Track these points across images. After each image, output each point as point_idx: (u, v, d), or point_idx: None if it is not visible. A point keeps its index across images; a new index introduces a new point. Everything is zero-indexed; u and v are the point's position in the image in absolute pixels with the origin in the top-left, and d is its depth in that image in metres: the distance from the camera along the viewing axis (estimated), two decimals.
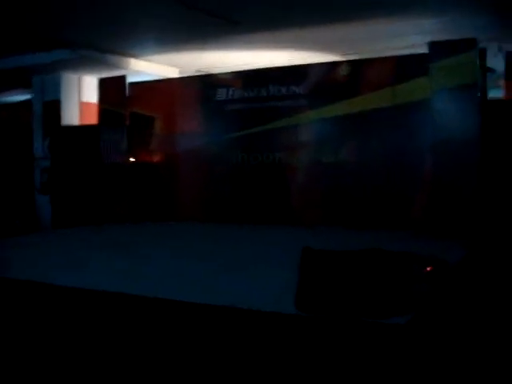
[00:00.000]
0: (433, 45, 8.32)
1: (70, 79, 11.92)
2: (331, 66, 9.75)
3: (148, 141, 11.04)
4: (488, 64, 8.99)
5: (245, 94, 10.10)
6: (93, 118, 11.85)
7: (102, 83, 11.39)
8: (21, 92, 13.76)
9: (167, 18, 8.84)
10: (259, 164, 9.95)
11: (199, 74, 11.83)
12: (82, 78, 12.10)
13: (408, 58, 9.04)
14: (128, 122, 10.85)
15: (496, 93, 9.77)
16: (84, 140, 11.22)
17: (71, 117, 11.87)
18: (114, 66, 11.20)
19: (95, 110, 11.88)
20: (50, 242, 8.68)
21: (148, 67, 11.68)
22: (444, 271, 4.84)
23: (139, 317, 4.04)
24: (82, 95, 12.10)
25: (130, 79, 11.20)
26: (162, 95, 10.89)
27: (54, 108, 11.78)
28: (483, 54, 8.50)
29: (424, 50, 8.52)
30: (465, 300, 4.52)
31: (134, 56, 11.25)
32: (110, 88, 11.12)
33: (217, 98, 10.32)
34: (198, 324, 3.90)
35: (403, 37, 9.77)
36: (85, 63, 11.02)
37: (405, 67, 8.89)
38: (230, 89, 10.21)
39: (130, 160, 10.85)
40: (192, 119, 10.58)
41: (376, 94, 9.02)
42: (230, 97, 10.22)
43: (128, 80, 11.09)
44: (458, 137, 7.95)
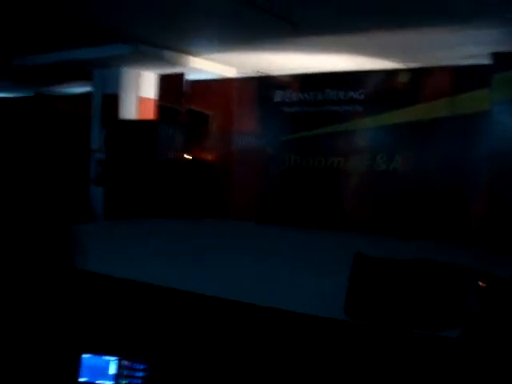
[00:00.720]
0: (496, 56, 8.21)
1: (129, 74, 12.07)
2: (390, 74, 9.70)
3: (204, 139, 11.15)
4: None
5: (302, 97, 10.11)
6: (150, 114, 12.02)
7: (161, 79, 11.56)
8: (81, 84, 14.01)
9: (228, 16, 8.88)
10: (312, 168, 9.95)
11: (257, 74, 11.87)
12: (141, 73, 12.24)
13: (469, 69, 8.95)
14: (185, 119, 10.97)
15: None
16: (140, 135, 11.40)
17: (129, 111, 12.03)
18: (173, 63, 11.30)
19: (153, 105, 12.06)
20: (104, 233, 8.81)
21: (206, 65, 11.76)
22: (496, 286, 4.78)
23: (191, 313, 4.09)
24: (141, 90, 12.24)
25: (189, 77, 11.33)
26: (220, 94, 10.99)
27: (112, 102, 11.95)
28: None
29: (483, 60, 8.41)
30: None
31: (192, 54, 11.33)
32: (169, 85, 11.28)
33: (274, 100, 10.36)
34: (246, 324, 3.92)
35: (463, 46, 9.63)
36: (144, 59, 11.15)
37: (465, 77, 8.80)
38: (288, 91, 10.25)
39: (186, 157, 10.97)
40: (248, 119, 10.65)
41: (435, 103, 8.94)
42: (287, 99, 10.25)
43: (186, 77, 11.23)
44: None
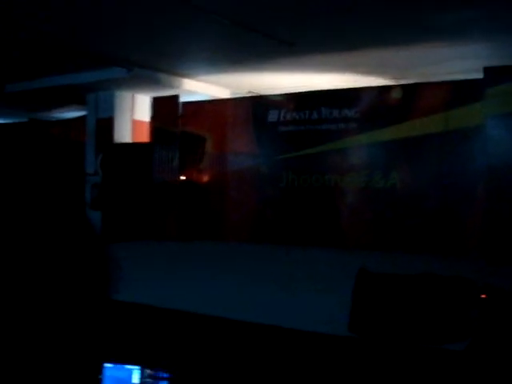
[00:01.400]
0: (487, 70, 8.27)
1: (123, 97, 12.12)
2: (384, 90, 9.76)
3: (199, 160, 11.16)
4: None
5: (296, 116, 10.15)
6: (145, 136, 12.04)
7: (156, 102, 11.59)
8: (75, 109, 14.03)
9: (221, 38, 8.96)
10: (309, 186, 9.96)
11: (251, 95, 11.93)
12: (135, 96, 12.29)
13: (462, 83, 9.01)
14: (179, 141, 11.00)
15: None
16: (135, 157, 11.42)
17: (124, 134, 12.05)
18: (167, 86, 11.35)
19: (147, 128, 12.09)
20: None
21: (200, 87, 11.82)
22: (498, 298, 4.79)
23: (195, 333, 4.08)
24: (135, 113, 12.28)
25: (182, 98, 11.38)
26: (214, 115, 11.02)
27: (107, 125, 11.99)
28: None
29: (476, 75, 8.47)
30: None
31: (186, 76, 11.40)
32: (163, 107, 11.32)
33: (268, 120, 10.39)
34: (250, 343, 3.92)
35: (455, 61, 9.72)
36: (138, 82, 11.20)
37: (458, 92, 8.85)
38: (282, 110, 10.29)
39: (181, 178, 10.98)
40: (243, 140, 10.67)
41: (429, 119, 8.99)
42: (281, 118, 10.28)
43: (180, 99, 11.27)
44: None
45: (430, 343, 4.04)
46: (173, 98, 11.24)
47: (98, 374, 1.55)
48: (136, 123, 12.24)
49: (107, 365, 1.55)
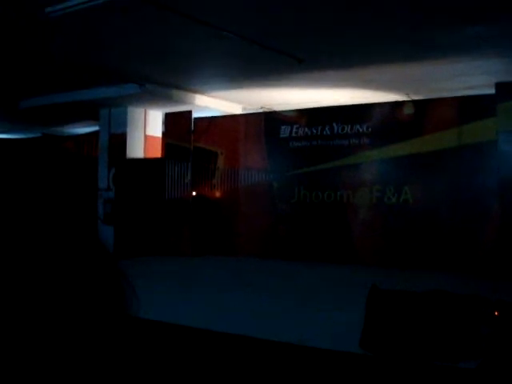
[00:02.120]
0: (499, 86, 8.28)
1: (136, 113, 12.17)
2: (396, 106, 9.77)
3: (211, 175, 11.20)
4: None
5: (308, 132, 10.17)
6: (157, 151, 12.09)
7: (168, 117, 11.66)
8: (88, 124, 14.11)
9: (232, 55, 8.99)
10: (321, 202, 9.96)
11: (263, 110, 11.96)
12: (148, 111, 12.34)
13: (474, 99, 9.00)
14: (192, 157, 11.05)
15: None
16: (148, 173, 11.46)
17: (136, 149, 12.10)
18: (179, 101, 11.40)
19: (159, 143, 12.14)
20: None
21: (212, 103, 11.85)
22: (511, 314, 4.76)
23: (201, 349, 4.09)
24: (147, 128, 12.33)
25: (195, 114, 11.44)
26: (226, 131, 11.07)
27: (119, 140, 12.04)
28: None
29: (488, 90, 8.46)
30: None
31: (198, 92, 11.45)
32: (176, 122, 11.39)
33: (280, 135, 10.42)
34: (262, 359, 3.92)
35: (467, 77, 9.70)
36: (151, 98, 11.25)
37: (471, 108, 8.85)
38: (294, 126, 10.31)
39: (193, 194, 11.01)
40: (255, 155, 10.70)
41: (441, 134, 8.98)
42: (293, 134, 10.31)
43: (192, 115, 11.33)
44: None
45: (442, 361, 4.02)
46: (185, 114, 11.32)
47: None
48: (148, 138, 12.28)
49: None
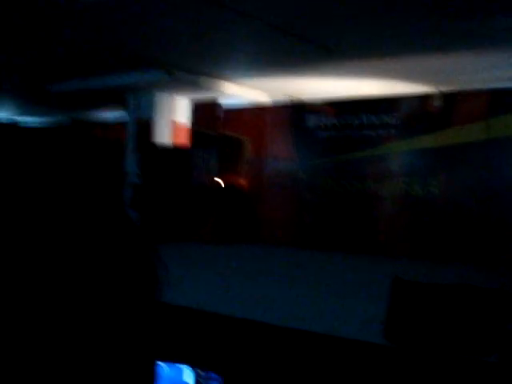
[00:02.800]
0: None
1: (163, 99, 12.20)
2: (424, 98, 9.71)
3: (237, 164, 11.22)
4: None
5: (336, 122, 10.15)
6: (184, 139, 12.12)
7: (196, 106, 11.68)
8: (115, 110, 14.17)
9: (261, 43, 8.97)
10: (347, 192, 9.94)
11: (289, 99, 11.92)
12: (175, 98, 12.35)
13: (504, 92, 8.91)
14: (219, 145, 11.06)
15: None
16: (175, 160, 11.49)
17: (163, 136, 12.14)
18: (207, 89, 11.39)
19: (186, 130, 12.16)
20: None
21: (239, 91, 11.83)
22: None
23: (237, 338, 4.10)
24: (175, 115, 12.35)
25: (222, 102, 11.44)
26: (254, 120, 11.08)
27: (147, 127, 12.07)
28: None
29: None
30: None
31: (226, 79, 11.43)
32: (204, 111, 11.40)
33: (307, 125, 10.41)
34: (287, 347, 3.92)
35: (497, 69, 9.59)
36: (178, 84, 11.26)
37: (500, 101, 8.76)
38: (322, 116, 10.29)
39: (219, 182, 11.04)
40: (282, 145, 10.71)
41: (469, 127, 8.91)
42: (320, 124, 10.29)
43: (220, 103, 11.34)
44: None
45: (465, 355, 4.00)
46: (213, 102, 11.34)
47: (151, 372, 1.59)
48: (175, 125, 12.31)
49: (160, 363, 1.58)
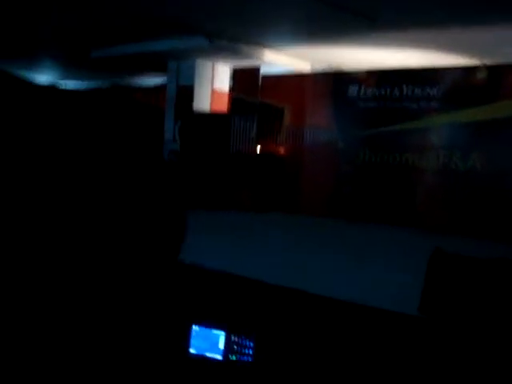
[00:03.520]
0: None
1: (203, 66, 12.19)
2: (469, 70, 9.55)
3: (276, 132, 11.23)
4: None
5: (377, 93, 10.07)
6: (223, 106, 12.13)
7: (236, 73, 11.68)
8: (156, 76, 14.21)
9: (303, 10, 8.89)
10: (386, 164, 9.90)
11: (330, 69, 11.83)
12: (216, 65, 12.34)
13: None
14: (258, 113, 11.07)
15: None
16: (214, 127, 11.54)
17: (202, 102, 12.15)
18: (247, 56, 11.35)
19: (226, 97, 12.16)
20: None
21: (279, 59, 11.76)
22: None
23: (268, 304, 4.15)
24: (215, 82, 12.34)
25: (262, 70, 11.42)
26: (294, 89, 11.05)
27: (186, 93, 12.11)
28: None
29: None
30: None
31: (266, 47, 11.36)
32: (244, 78, 11.41)
33: (348, 95, 10.35)
34: (322, 316, 3.97)
35: None
36: (219, 51, 11.24)
37: None
38: (363, 86, 10.21)
39: (258, 150, 11.07)
40: (321, 114, 10.67)
41: None
42: (361, 94, 10.22)
43: (260, 70, 11.31)
44: None
45: (502, 330, 4.01)
46: (253, 70, 11.33)
47: (186, 336, 1.63)
48: (215, 92, 12.31)
49: (195, 327, 1.62)
